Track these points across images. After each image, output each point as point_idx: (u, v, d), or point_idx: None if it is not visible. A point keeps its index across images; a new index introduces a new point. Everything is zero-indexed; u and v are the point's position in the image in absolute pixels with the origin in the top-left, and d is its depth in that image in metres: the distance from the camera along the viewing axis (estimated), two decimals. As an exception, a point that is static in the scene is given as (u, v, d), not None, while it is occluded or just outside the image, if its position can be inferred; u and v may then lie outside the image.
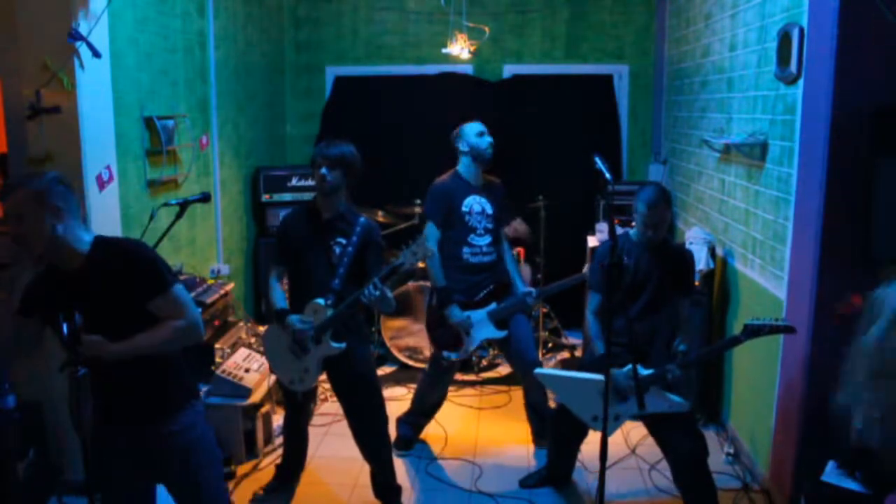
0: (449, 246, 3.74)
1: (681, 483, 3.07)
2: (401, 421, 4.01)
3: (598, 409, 2.94)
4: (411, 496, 3.50)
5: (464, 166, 3.79)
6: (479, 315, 3.74)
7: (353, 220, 3.16)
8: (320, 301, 3.07)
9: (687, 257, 3.30)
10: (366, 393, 3.26)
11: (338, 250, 3.13)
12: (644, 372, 2.92)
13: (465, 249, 3.74)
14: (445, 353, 3.78)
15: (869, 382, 0.94)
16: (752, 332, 2.81)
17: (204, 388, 3.59)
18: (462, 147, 3.75)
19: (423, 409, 4.01)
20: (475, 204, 3.75)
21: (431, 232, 3.73)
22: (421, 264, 4.84)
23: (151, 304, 2.16)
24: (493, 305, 3.76)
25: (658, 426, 3.10)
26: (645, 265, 3.15)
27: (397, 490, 3.38)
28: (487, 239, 3.78)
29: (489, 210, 3.78)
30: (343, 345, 3.08)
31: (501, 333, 3.75)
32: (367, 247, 3.14)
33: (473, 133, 3.73)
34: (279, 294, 3.23)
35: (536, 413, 3.96)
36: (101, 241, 2.19)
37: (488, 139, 3.73)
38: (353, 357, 3.14)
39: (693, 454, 2.99)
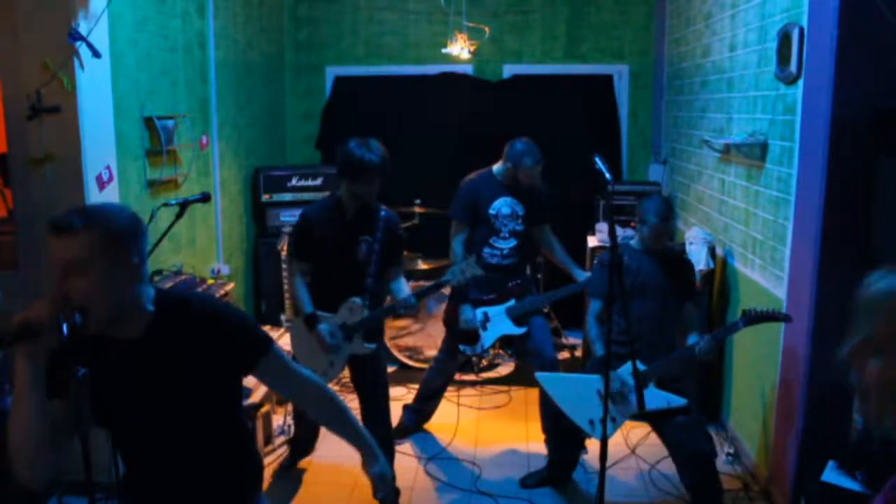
0: (470, 244, 3.74)
1: (688, 483, 3.09)
2: (406, 408, 4.12)
3: (596, 412, 2.95)
4: (411, 496, 3.50)
5: (500, 169, 3.74)
6: (496, 311, 3.74)
7: (376, 215, 3.18)
8: (357, 300, 3.12)
9: (687, 263, 3.42)
10: (380, 384, 3.34)
11: (364, 247, 3.15)
12: (643, 368, 2.94)
13: (486, 250, 3.74)
14: (462, 347, 3.80)
15: None
16: (751, 319, 2.89)
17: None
18: (510, 163, 3.64)
19: (427, 394, 4.08)
20: (504, 206, 3.71)
21: (457, 232, 3.73)
22: (425, 265, 4.92)
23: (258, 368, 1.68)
24: (511, 302, 3.75)
25: (664, 426, 3.11)
26: (647, 270, 3.24)
27: (396, 492, 3.38)
28: (512, 243, 3.75)
29: (520, 211, 3.73)
30: (374, 346, 3.17)
31: (521, 329, 3.73)
32: (391, 242, 3.20)
33: (535, 172, 3.62)
34: (306, 297, 3.18)
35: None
36: (164, 298, 1.62)
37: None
38: (376, 352, 3.23)
39: (701, 454, 3.00)
